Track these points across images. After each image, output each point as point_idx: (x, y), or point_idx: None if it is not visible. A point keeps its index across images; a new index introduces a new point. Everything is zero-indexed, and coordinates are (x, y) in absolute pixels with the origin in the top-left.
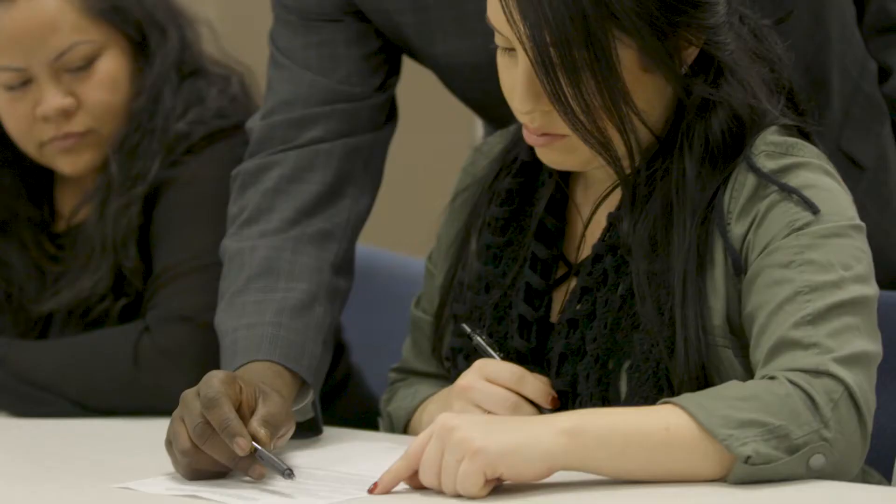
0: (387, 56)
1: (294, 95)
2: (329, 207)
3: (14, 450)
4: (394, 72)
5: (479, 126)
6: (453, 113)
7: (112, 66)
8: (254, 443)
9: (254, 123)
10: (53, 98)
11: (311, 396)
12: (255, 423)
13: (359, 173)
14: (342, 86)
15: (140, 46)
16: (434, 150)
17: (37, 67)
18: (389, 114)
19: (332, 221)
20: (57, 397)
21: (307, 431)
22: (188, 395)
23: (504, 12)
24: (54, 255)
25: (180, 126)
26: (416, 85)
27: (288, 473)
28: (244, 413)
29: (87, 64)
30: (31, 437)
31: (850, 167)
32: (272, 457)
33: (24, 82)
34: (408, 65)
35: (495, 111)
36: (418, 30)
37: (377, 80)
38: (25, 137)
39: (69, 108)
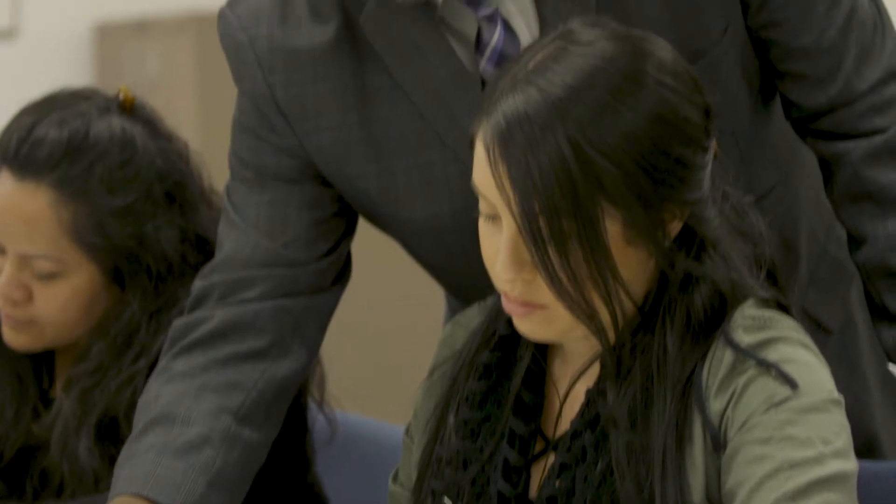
0: (341, 219)
1: (236, 255)
2: (245, 363)
3: None
4: (348, 233)
5: None
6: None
7: (67, 291)
8: None
9: (197, 281)
10: (7, 283)
11: None
12: None
13: (286, 336)
14: (286, 250)
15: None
16: (420, 314)
17: (7, 246)
18: (339, 275)
19: (243, 375)
20: None
21: None
22: None
23: (493, 178)
24: (41, 415)
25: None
26: (403, 254)
27: None
28: None
29: (48, 276)
30: None
31: (815, 331)
32: None
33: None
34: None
35: (457, 278)
36: (383, 196)
37: (324, 247)
38: None
39: (17, 300)
